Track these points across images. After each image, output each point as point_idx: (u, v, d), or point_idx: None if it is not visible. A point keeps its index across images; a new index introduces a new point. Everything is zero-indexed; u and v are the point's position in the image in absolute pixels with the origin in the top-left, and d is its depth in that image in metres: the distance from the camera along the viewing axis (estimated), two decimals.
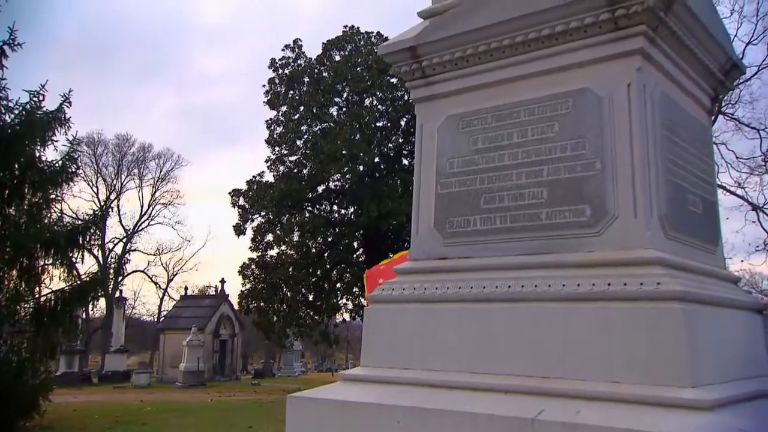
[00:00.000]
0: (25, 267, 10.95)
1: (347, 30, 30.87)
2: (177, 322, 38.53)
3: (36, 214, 11.37)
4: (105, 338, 46.99)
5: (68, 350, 30.43)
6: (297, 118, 29.72)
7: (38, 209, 11.48)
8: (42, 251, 11.13)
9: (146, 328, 62.54)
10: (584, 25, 3.71)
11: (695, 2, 3.87)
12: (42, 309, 11.35)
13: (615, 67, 3.68)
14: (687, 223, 3.86)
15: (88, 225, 12.29)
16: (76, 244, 11.66)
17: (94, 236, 12.79)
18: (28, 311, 11.55)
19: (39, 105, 11.58)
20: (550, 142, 3.81)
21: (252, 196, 28.83)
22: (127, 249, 55.15)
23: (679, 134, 3.95)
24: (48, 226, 11.65)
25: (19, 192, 11.10)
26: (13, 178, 11.09)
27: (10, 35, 11.58)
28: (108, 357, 40.15)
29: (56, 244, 11.12)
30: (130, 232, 55.53)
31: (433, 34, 4.27)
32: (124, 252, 54.59)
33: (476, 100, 4.19)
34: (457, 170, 4.14)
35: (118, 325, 40.40)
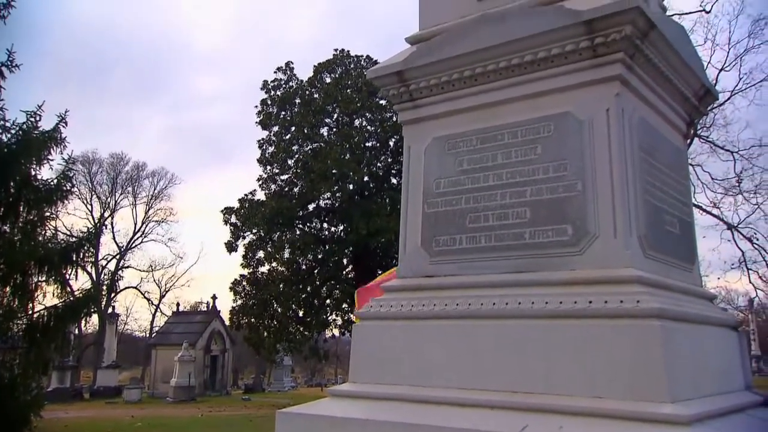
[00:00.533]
0: (19, 284, 10.86)
1: (338, 53, 31.07)
2: (169, 338, 38.18)
3: (30, 232, 11.30)
4: (97, 354, 46.46)
5: (60, 366, 30.04)
6: (288, 138, 29.78)
7: (33, 227, 11.41)
8: (36, 268, 11.04)
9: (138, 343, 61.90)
10: (565, 51, 3.77)
11: (670, 31, 3.95)
12: (35, 325, 11.23)
13: (594, 92, 3.73)
14: (665, 242, 3.90)
15: (81, 242, 12.21)
16: (69, 261, 11.58)
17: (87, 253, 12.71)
18: (21, 327, 11.43)
19: (36, 125, 11.58)
20: (533, 163, 3.85)
21: (244, 214, 28.77)
22: (120, 266, 54.74)
23: (656, 157, 4.00)
24: (42, 243, 11.57)
25: (14, 210, 11.04)
26: (8, 197, 11.05)
27: (9, 57, 11.62)
28: (100, 372, 39.66)
29: (50, 261, 11.04)
30: (124, 249, 55.13)
31: (420, 59, 4.32)
32: (117, 268, 54.17)
33: (462, 122, 4.23)
34: (444, 190, 4.17)
35: (110, 341, 39.98)
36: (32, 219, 11.45)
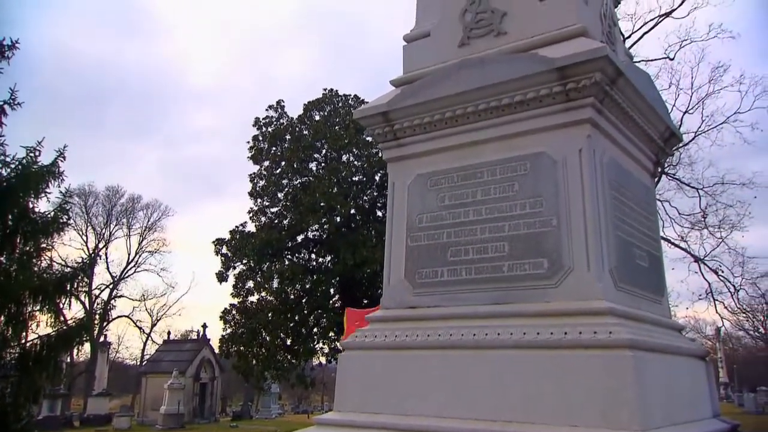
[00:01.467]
0: (13, 313, 10.64)
1: (327, 92, 31.34)
2: (159, 366, 37.49)
3: (26, 263, 11.13)
4: (88, 382, 45.46)
5: (51, 394, 29.29)
6: (279, 173, 29.81)
7: (29, 258, 11.25)
8: (30, 298, 10.85)
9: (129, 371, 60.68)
10: (539, 96, 3.85)
11: (637, 78, 4.06)
12: (27, 354, 10.97)
13: (567, 133, 3.80)
14: (635, 275, 3.94)
15: (76, 273, 12.05)
16: (64, 291, 11.40)
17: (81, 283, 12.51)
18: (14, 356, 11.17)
19: (35, 159, 11.51)
20: (511, 200, 3.90)
21: (234, 245, 28.59)
22: (113, 295, 53.94)
23: (626, 195, 4.07)
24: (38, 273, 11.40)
25: (11, 242, 10.90)
26: (5, 229, 10.91)
27: (11, 95, 11.60)
28: (90, 400, 38.73)
29: (45, 291, 10.87)
30: (117, 279, 54.41)
31: (404, 101, 4.38)
32: (110, 298, 53.37)
33: (443, 160, 4.28)
34: (426, 225, 4.20)
35: (101, 369, 39.17)
36: (28, 250, 11.28)
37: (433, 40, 4.64)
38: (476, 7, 4.46)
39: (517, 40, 4.19)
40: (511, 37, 4.25)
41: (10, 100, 11.59)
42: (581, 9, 4.12)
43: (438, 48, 4.57)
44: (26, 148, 11.54)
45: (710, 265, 21.99)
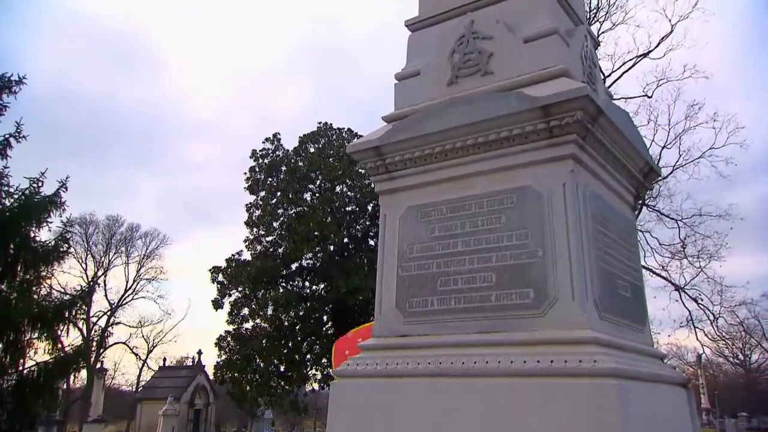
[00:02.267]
0: (11, 341, 10.49)
1: (321, 126, 31.55)
2: (154, 392, 36.87)
3: (26, 291, 11.03)
4: (84, 408, 44.57)
5: (47, 420, 28.69)
6: (274, 203, 29.81)
7: (29, 286, 11.16)
8: (29, 326, 10.71)
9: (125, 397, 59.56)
10: (525, 132, 3.90)
11: (617, 116, 4.12)
12: (24, 381, 10.79)
13: (552, 168, 3.84)
14: (618, 305, 3.95)
15: (75, 300, 11.93)
16: (62, 318, 11.26)
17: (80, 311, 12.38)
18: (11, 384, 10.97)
19: (38, 190, 11.52)
20: (498, 231, 3.91)
21: (230, 273, 28.41)
22: (110, 322, 53.24)
23: (608, 227, 4.10)
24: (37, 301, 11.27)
25: (12, 270, 10.81)
26: (7, 257, 10.84)
27: (17, 128, 11.67)
28: (86, 427, 37.91)
29: (43, 319, 10.74)
30: (115, 306, 53.78)
31: (395, 136, 4.42)
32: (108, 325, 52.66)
33: (433, 193, 4.30)
34: (417, 255, 4.20)
35: (97, 396, 38.39)
36: (29, 278, 11.19)
37: (423, 79, 4.70)
38: (464, 48, 4.53)
39: (503, 80, 4.26)
40: (497, 77, 4.31)
41: (16, 133, 11.66)
42: (563, 51, 4.20)
43: (428, 86, 4.63)
44: (29, 179, 11.59)
45: (690, 294, 22.10)
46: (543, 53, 4.16)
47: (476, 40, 4.48)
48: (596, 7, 22.11)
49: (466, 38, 4.53)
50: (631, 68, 22.34)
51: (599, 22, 22.18)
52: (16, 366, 10.99)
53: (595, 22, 21.95)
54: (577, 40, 4.48)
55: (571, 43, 4.37)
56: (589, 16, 21.42)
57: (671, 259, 22.17)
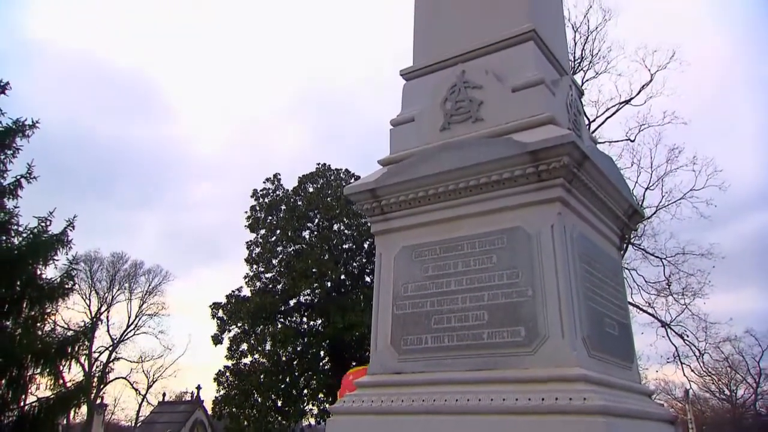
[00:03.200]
0: (14, 377, 10.28)
1: (320, 167, 31.75)
2: (153, 428, 36.01)
3: (31, 327, 10.88)
4: None
5: None
6: (274, 240, 29.74)
7: (33, 322, 11.01)
8: (32, 362, 10.52)
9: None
10: (514, 176, 3.93)
11: (602, 161, 4.18)
12: (25, 417, 10.52)
13: (540, 210, 3.87)
14: (606, 343, 3.92)
15: (78, 337, 11.77)
16: (65, 354, 11.08)
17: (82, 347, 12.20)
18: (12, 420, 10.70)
19: (45, 229, 11.51)
20: (490, 271, 3.91)
21: (230, 309, 28.14)
22: (111, 358, 52.35)
23: (595, 267, 4.10)
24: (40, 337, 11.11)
25: (18, 307, 10.69)
26: (13, 294, 10.73)
27: (28, 170, 11.75)
28: None
29: (46, 355, 10.56)
30: (117, 342, 52.98)
31: (390, 179, 4.45)
32: (109, 360, 51.75)
33: (427, 234, 4.31)
34: (411, 294, 4.18)
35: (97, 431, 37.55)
36: (34, 315, 11.06)
37: (417, 125, 4.76)
38: (456, 96, 4.61)
39: (493, 126, 4.31)
40: (487, 123, 4.37)
41: (27, 174, 11.73)
42: (549, 100, 4.27)
43: (421, 132, 4.69)
44: (38, 218, 11.60)
45: (676, 330, 21.98)
46: (530, 102, 4.23)
47: (467, 89, 4.56)
48: (580, 57, 22.60)
49: (457, 87, 4.61)
50: (615, 114, 22.71)
51: (583, 70, 22.63)
52: (18, 402, 10.75)
53: (580, 71, 22.40)
54: (562, 90, 4.56)
55: (556, 93, 4.45)
56: (574, 65, 21.86)
57: (657, 296, 22.13)
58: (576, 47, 22.39)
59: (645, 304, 22.15)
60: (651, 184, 21.82)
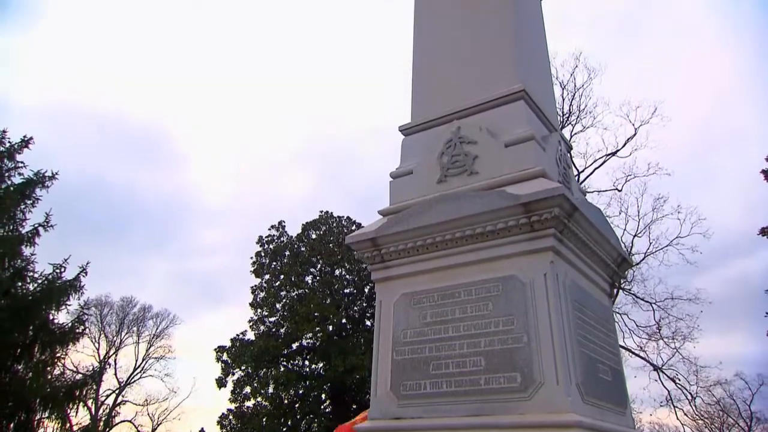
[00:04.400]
0: (23, 421, 10.01)
1: (322, 214, 31.86)
2: None
3: (41, 371, 10.68)
4: None
5: None
6: (278, 285, 29.54)
7: (44, 366, 10.83)
8: (41, 406, 10.27)
9: None
10: (508, 226, 3.95)
11: (590, 213, 4.20)
12: None
13: (533, 259, 3.86)
14: (600, 389, 3.85)
15: (86, 381, 11.54)
16: (73, 398, 10.83)
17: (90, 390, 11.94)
18: None
19: (59, 275, 11.48)
20: (486, 318, 3.87)
21: (234, 352, 27.71)
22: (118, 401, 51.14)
23: (587, 314, 4.07)
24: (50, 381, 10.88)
25: (29, 351, 10.54)
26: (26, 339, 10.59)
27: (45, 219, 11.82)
28: None
29: (54, 399, 10.32)
30: (123, 385, 51.90)
31: (390, 229, 4.46)
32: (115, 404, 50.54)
33: (425, 281, 4.29)
34: (410, 340, 4.13)
35: None
36: (44, 359, 10.87)
37: (415, 177, 4.81)
38: (452, 151, 4.67)
39: (487, 179, 4.35)
40: (482, 176, 4.41)
41: (44, 223, 11.78)
42: (540, 154, 4.33)
43: (419, 184, 4.73)
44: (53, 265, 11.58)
45: (668, 374, 21.57)
46: (522, 156, 4.29)
47: (462, 144, 4.62)
48: (568, 112, 23.00)
49: (453, 142, 4.68)
50: (602, 165, 22.93)
51: (572, 124, 22.99)
52: None
53: (568, 125, 22.76)
54: (551, 145, 4.63)
55: (546, 148, 4.52)
56: (563, 119, 22.23)
57: (648, 340, 21.82)
58: (564, 103, 22.85)
59: (637, 347, 21.85)
60: (639, 231, 21.87)
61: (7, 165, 12.29)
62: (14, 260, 11.20)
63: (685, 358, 21.28)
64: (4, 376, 9.97)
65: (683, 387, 21.59)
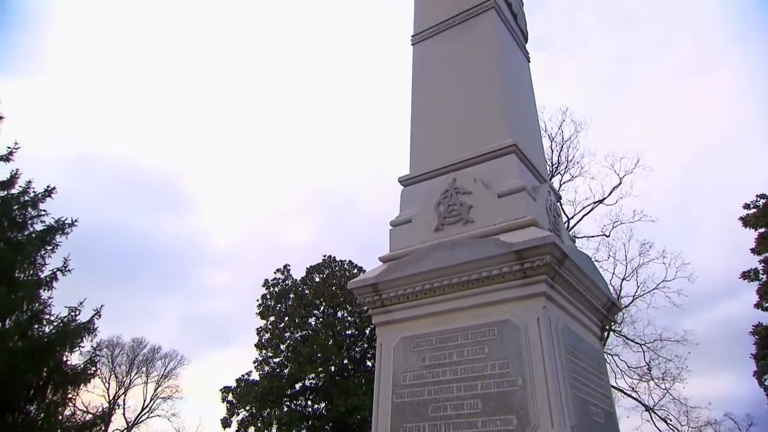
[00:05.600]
0: None
1: (326, 258, 31.75)
2: None
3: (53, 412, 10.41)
4: None
5: None
6: (282, 327, 29.14)
7: (56, 407, 10.57)
8: None
9: None
10: (502, 273, 3.93)
11: (580, 259, 4.20)
12: None
13: (527, 304, 3.83)
14: (594, 431, 3.75)
15: (96, 421, 11.23)
16: None
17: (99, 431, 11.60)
18: None
19: (74, 318, 11.36)
20: (482, 361, 3.81)
21: (239, 393, 27.09)
22: None
23: (579, 357, 4.00)
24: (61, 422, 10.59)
25: (42, 392, 10.31)
26: (39, 380, 10.38)
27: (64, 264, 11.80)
28: None
29: None
30: (131, 425, 50.50)
31: (390, 275, 4.44)
32: None
33: (424, 325, 4.24)
34: (410, 383, 4.05)
35: None
36: (56, 399, 10.62)
37: (414, 226, 4.82)
38: (448, 201, 4.70)
39: (482, 227, 4.37)
40: (477, 225, 4.43)
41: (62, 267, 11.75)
42: (531, 204, 4.36)
43: (418, 232, 4.74)
44: (68, 308, 11.49)
45: (660, 414, 21.00)
46: (514, 206, 4.32)
47: (458, 195, 4.66)
48: (557, 163, 23.25)
49: (449, 193, 4.71)
50: (590, 212, 23.01)
51: (560, 174, 23.20)
52: None
53: (557, 175, 22.97)
54: (542, 196, 4.67)
55: (537, 198, 4.55)
56: (552, 170, 22.45)
57: (639, 380, 21.35)
58: (553, 154, 23.13)
59: (629, 388, 21.35)
60: (627, 275, 21.75)
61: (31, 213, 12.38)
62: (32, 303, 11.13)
63: (676, 399, 20.79)
64: (16, 416, 9.73)
65: (674, 427, 20.99)
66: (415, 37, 6.06)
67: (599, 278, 4.69)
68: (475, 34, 5.55)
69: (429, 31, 5.94)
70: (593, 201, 22.78)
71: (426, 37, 5.95)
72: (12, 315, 10.84)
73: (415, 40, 6.05)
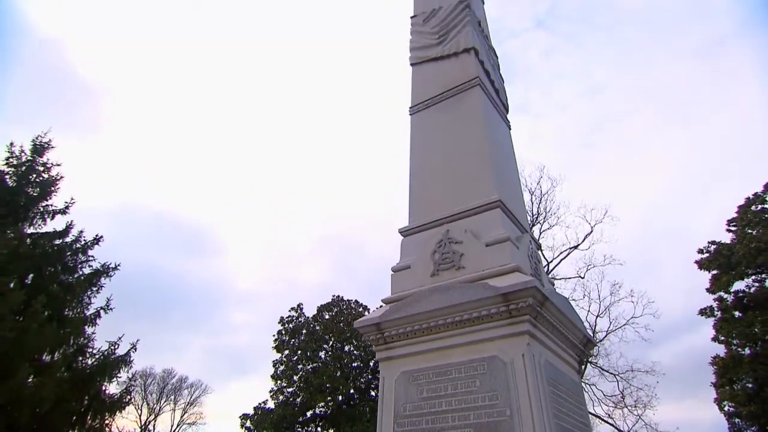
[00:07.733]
0: None
1: (335, 297, 31.43)
2: None
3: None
4: None
5: None
6: (295, 360, 28.51)
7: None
8: None
9: None
10: (490, 313, 3.88)
11: (559, 301, 4.14)
12: None
13: (512, 341, 3.76)
14: None
15: None
16: None
17: None
18: None
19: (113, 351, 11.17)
20: (474, 393, 3.71)
21: (257, 420, 26.23)
22: None
23: (560, 389, 3.89)
24: None
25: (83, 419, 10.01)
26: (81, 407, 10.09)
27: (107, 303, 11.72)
28: None
29: None
30: None
31: (392, 315, 4.38)
32: None
33: (422, 361, 4.15)
34: (409, 413, 3.92)
35: None
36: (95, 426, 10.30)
37: (412, 271, 4.79)
38: (442, 249, 4.69)
39: (472, 273, 4.34)
40: (468, 270, 4.40)
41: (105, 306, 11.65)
42: (515, 253, 4.35)
43: (416, 277, 4.71)
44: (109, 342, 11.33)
45: None
46: (500, 254, 4.30)
47: (451, 244, 4.65)
48: (537, 214, 23.31)
49: (443, 242, 4.71)
50: (567, 257, 22.87)
51: (540, 224, 23.19)
52: None
53: (537, 224, 22.97)
54: (524, 244, 4.66)
55: (520, 246, 4.54)
56: (532, 220, 22.49)
57: (614, 408, 20.57)
58: (533, 206, 23.23)
59: (605, 415, 20.56)
60: (600, 312, 21.39)
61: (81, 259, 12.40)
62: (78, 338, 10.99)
63: (648, 424, 19.95)
64: None
65: None
66: (412, 108, 6.22)
67: (576, 317, 4.61)
68: (464, 106, 5.69)
69: (424, 103, 6.11)
70: (569, 247, 22.70)
71: (421, 108, 6.11)
72: (60, 348, 10.68)
73: (413, 110, 6.21)
